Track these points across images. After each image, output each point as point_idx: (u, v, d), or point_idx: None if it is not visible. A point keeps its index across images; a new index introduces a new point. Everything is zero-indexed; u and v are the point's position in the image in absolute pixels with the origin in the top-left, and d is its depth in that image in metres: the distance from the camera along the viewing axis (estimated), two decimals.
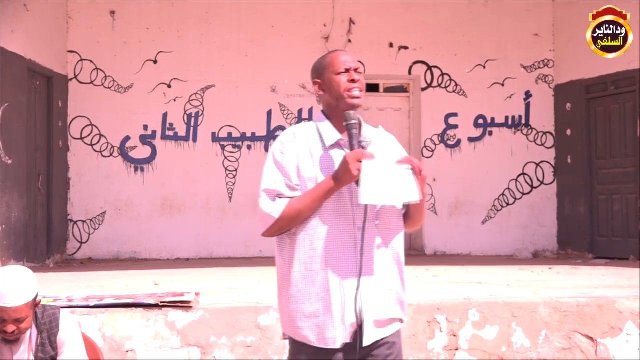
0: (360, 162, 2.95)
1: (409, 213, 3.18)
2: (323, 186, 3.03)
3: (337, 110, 3.13)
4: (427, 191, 3.13)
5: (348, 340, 3.02)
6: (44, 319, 3.80)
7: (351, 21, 11.85)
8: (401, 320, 3.16)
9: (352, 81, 3.11)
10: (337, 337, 3.02)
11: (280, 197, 3.08)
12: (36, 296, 3.74)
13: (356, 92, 3.11)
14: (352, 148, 3.03)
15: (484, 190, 11.92)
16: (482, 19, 12.06)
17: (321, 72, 3.17)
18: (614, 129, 10.90)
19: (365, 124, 3.18)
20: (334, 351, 3.03)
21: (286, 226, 3.08)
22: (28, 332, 3.76)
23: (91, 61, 11.43)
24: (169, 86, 11.58)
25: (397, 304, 3.12)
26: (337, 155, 3.07)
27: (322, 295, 3.03)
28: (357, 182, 2.98)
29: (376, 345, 3.07)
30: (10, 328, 3.65)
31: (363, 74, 3.18)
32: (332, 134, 3.12)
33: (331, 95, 3.14)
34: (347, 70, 3.13)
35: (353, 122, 3.05)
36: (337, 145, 3.11)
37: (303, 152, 3.10)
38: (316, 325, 3.04)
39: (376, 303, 3.05)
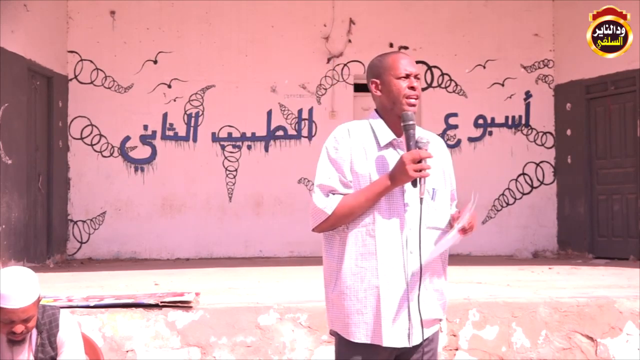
0: (419, 162, 2.98)
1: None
2: (378, 185, 3.05)
3: (392, 112, 3.15)
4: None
5: (395, 338, 3.05)
6: (44, 319, 3.80)
7: (351, 21, 11.86)
8: (441, 320, 3.22)
9: (412, 88, 3.13)
10: (384, 335, 3.04)
11: (333, 193, 3.08)
12: (39, 294, 3.76)
13: (413, 100, 3.14)
14: (409, 148, 3.05)
15: (484, 190, 11.90)
16: (482, 19, 12.06)
17: (380, 73, 3.18)
18: (614, 129, 10.89)
19: (418, 127, 3.19)
20: (380, 348, 3.06)
21: (337, 223, 3.08)
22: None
23: (91, 61, 11.44)
24: (169, 86, 11.58)
25: (440, 304, 3.17)
26: (391, 155, 3.10)
27: (371, 292, 3.05)
28: (413, 183, 3.02)
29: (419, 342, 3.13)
30: (19, 328, 3.66)
31: (420, 80, 3.21)
32: (386, 133, 3.14)
33: (388, 98, 3.16)
34: (408, 76, 3.14)
35: (411, 122, 3.07)
36: (390, 144, 3.14)
37: (357, 149, 3.11)
38: (363, 322, 3.06)
39: (423, 303, 3.08)
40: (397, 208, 3.08)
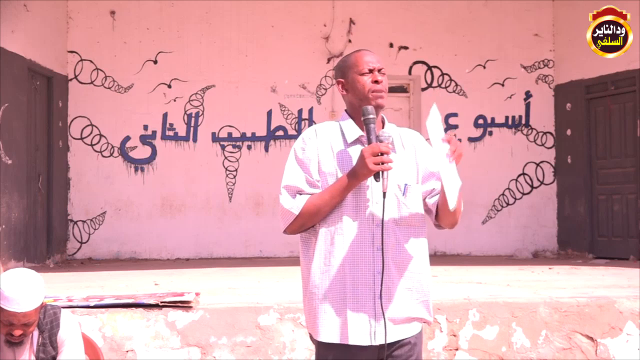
0: (377, 155, 2.94)
1: (438, 206, 3.16)
2: (342, 181, 3.03)
3: (359, 111, 3.13)
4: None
5: (365, 337, 3.01)
6: (45, 319, 3.80)
7: (351, 21, 11.85)
8: (424, 320, 3.14)
9: (376, 82, 3.12)
10: (353, 334, 3.01)
11: (300, 194, 3.07)
12: (42, 301, 3.75)
13: (379, 94, 3.12)
14: (369, 142, 3.03)
15: (484, 190, 11.91)
16: (482, 19, 12.06)
17: (345, 72, 3.18)
18: (614, 129, 10.89)
19: (389, 123, 3.19)
20: (350, 348, 3.02)
21: (307, 223, 3.07)
22: None
23: (91, 61, 11.43)
24: (169, 86, 11.58)
25: (418, 303, 3.11)
26: (358, 151, 3.08)
27: (338, 290, 3.03)
28: (375, 177, 2.99)
29: (397, 345, 3.07)
30: (18, 332, 3.65)
31: (386, 75, 3.19)
32: (353, 130, 3.14)
33: (354, 96, 3.15)
34: (371, 71, 3.14)
35: (370, 116, 3.06)
36: (358, 141, 3.13)
37: (324, 148, 3.11)
38: (330, 321, 3.03)
39: (391, 301, 3.04)
40: (364, 205, 3.06)
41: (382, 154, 2.96)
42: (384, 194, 2.99)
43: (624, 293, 5.94)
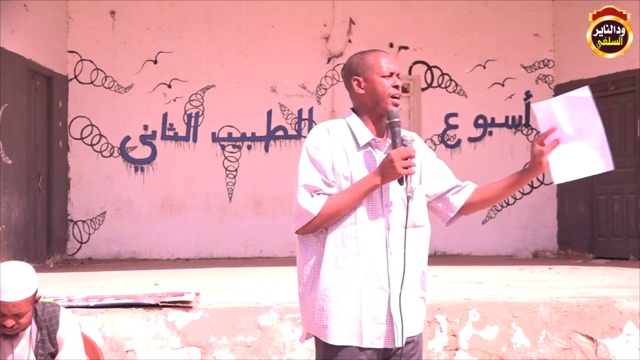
0: (406, 159, 2.98)
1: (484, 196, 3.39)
2: (365, 184, 3.03)
3: (373, 111, 3.15)
4: None
5: (377, 340, 3.02)
6: (44, 316, 3.83)
7: (351, 21, 11.86)
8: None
9: (396, 87, 3.15)
10: (365, 336, 3.01)
11: (318, 193, 3.05)
12: (36, 292, 3.77)
13: (397, 99, 3.15)
14: (395, 146, 3.04)
15: None
16: (482, 19, 12.06)
17: (363, 70, 3.17)
18: (614, 129, 10.88)
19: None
20: (361, 350, 3.02)
21: (323, 224, 3.04)
22: (28, 329, 3.80)
23: (91, 61, 11.44)
24: (169, 86, 11.58)
25: (422, 301, 3.15)
26: (370, 155, 3.10)
27: (352, 293, 3.02)
28: (400, 181, 3.01)
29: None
30: (10, 322, 3.68)
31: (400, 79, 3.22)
32: (364, 133, 3.13)
33: (371, 96, 3.15)
34: (391, 74, 3.15)
35: (397, 120, 3.08)
36: (369, 144, 3.12)
37: (337, 149, 3.09)
38: (342, 324, 3.02)
39: (406, 305, 3.05)
40: (378, 209, 3.06)
41: (407, 158, 2.99)
42: (409, 197, 3.03)
43: (624, 293, 5.94)
